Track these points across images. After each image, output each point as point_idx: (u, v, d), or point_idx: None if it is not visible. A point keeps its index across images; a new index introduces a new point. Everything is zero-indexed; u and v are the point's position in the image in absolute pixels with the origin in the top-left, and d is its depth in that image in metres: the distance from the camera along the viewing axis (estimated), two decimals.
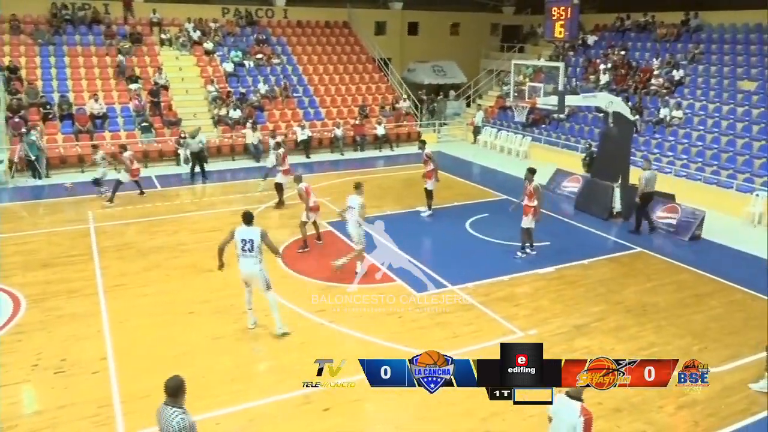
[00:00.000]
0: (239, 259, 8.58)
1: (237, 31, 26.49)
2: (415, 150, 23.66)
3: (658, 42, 23.49)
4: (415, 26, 31.18)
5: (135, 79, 22.42)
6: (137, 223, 14.25)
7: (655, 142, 19.31)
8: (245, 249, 8.46)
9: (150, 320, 9.41)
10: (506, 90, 24.03)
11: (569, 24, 16.75)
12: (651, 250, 12.94)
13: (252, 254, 8.48)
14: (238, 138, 21.80)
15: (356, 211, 10.70)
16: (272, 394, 7.58)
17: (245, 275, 8.68)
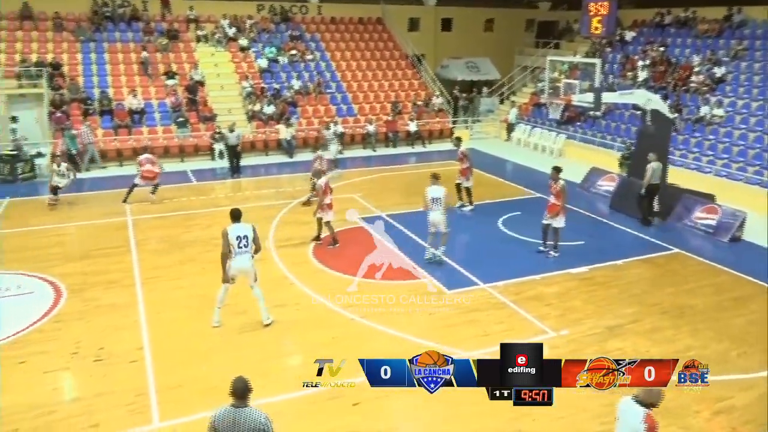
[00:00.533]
0: (234, 256, 8.68)
1: (271, 27, 26.74)
2: (447, 147, 23.64)
3: (699, 38, 22.88)
4: (448, 22, 30.99)
5: (172, 75, 22.83)
6: (173, 217, 14.52)
7: (695, 141, 18.84)
8: (241, 245, 8.62)
9: (184, 312, 9.59)
10: (541, 87, 23.78)
11: (607, 19, 16.46)
12: (689, 251, 12.64)
13: (247, 249, 8.68)
14: (272, 134, 22.03)
15: (442, 200, 11.11)
16: (302, 387, 7.63)
17: (240, 270, 8.81)
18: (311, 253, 12.14)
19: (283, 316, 9.45)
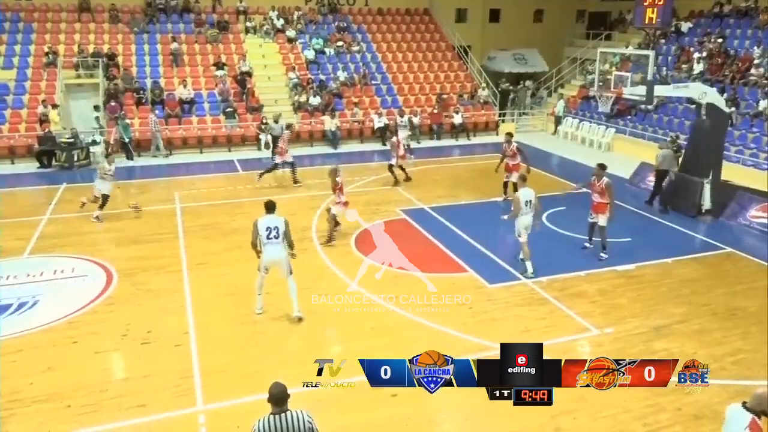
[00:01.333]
0: (264, 247, 8.76)
1: (319, 18, 26.91)
2: (492, 140, 23.39)
3: (761, 29, 21.88)
4: (497, 13, 30.55)
5: (221, 66, 23.26)
6: (220, 205, 14.84)
7: (752, 136, 18.08)
8: (270, 237, 8.68)
9: (229, 299, 9.81)
10: (590, 79, 23.20)
11: (662, 10, 15.91)
12: (742, 250, 12.18)
13: (278, 240, 8.71)
14: (317, 124, 22.22)
15: (534, 203, 10.48)
16: (342, 376, 7.70)
17: (272, 261, 8.84)
18: (353, 243, 12.21)
19: (325, 305, 9.55)
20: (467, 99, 25.09)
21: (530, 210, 10.44)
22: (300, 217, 13.83)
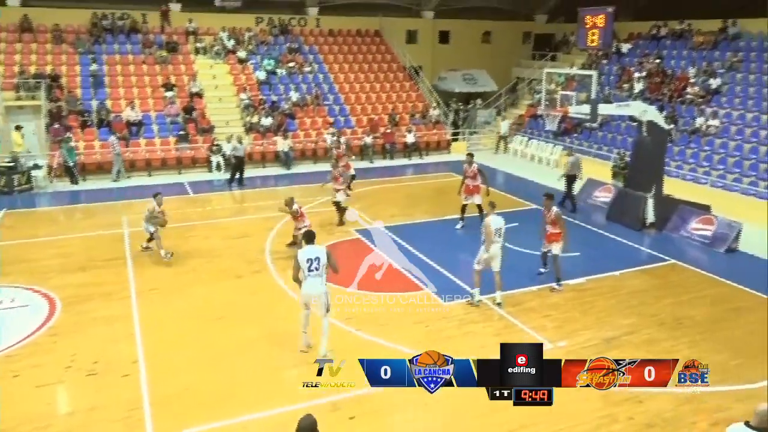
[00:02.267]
0: (304, 281, 8.20)
1: (270, 39, 26.87)
2: (445, 158, 23.72)
3: (695, 50, 23.04)
4: (446, 35, 31.18)
5: (171, 87, 22.90)
6: (170, 229, 14.42)
7: (691, 152, 18.91)
8: (312, 269, 8.12)
9: (181, 324, 9.56)
10: (538, 98, 23.85)
11: (603, 32, 16.57)
12: (685, 262, 12.65)
13: (318, 273, 8.15)
14: (269, 145, 22.07)
15: (503, 231, 10.11)
16: (300, 401, 7.59)
17: (311, 296, 8.27)
18: None
19: (282, 327, 9.41)
20: (419, 118, 25.41)
21: (500, 239, 10.08)
22: (255, 239, 13.66)
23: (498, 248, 10.05)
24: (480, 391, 7.26)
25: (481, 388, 5.36)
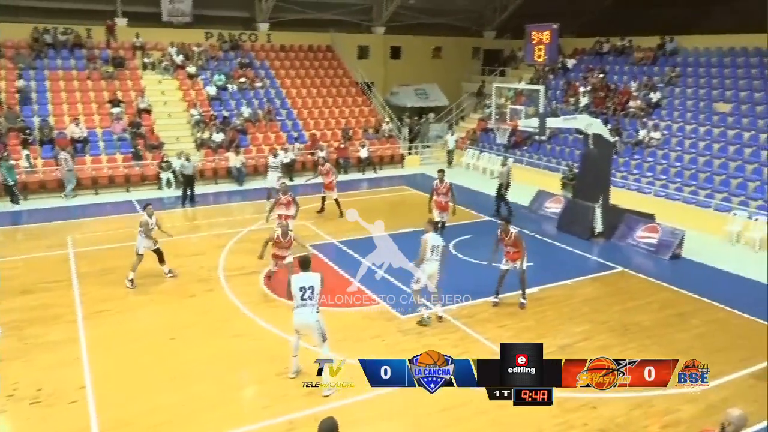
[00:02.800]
0: (295, 308, 7.96)
1: (220, 55, 26.60)
2: (398, 172, 23.88)
3: (636, 65, 24.00)
4: (397, 50, 31.53)
5: (117, 103, 22.35)
6: (119, 248, 14.05)
7: (635, 163, 19.60)
8: (305, 297, 7.84)
9: (131, 347, 9.25)
10: (488, 112, 24.34)
11: (549, 48, 17.05)
12: (633, 269, 13.05)
13: (311, 302, 7.86)
14: (221, 161, 21.76)
15: (441, 250, 9.96)
16: (256, 420, 7.46)
17: (300, 325, 7.98)
18: (262, 282, 11.95)
19: (237, 347, 9.25)
20: (372, 133, 25.54)
21: (437, 257, 9.96)
22: (208, 256, 13.40)
23: (435, 267, 9.95)
24: (441, 406, 7.29)
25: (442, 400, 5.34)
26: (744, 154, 17.59)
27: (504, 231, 10.79)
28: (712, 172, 17.59)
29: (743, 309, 10.79)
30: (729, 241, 15.08)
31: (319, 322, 7.93)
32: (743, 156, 17.53)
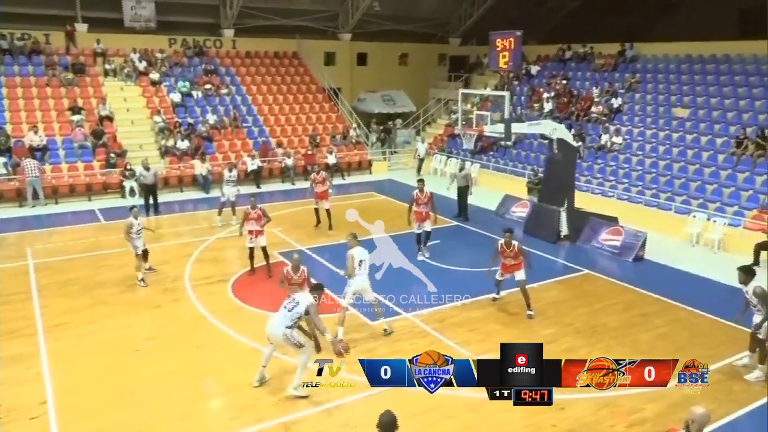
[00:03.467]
0: (271, 316, 8.08)
1: (184, 61, 26.26)
2: (366, 179, 23.88)
3: (597, 71, 24.53)
4: (364, 57, 31.59)
5: (78, 111, 21.85)
6: (81, 258, 13.74)
7: (598, 167, 20.00)
8: (286, 306, 7.88)
9: (94, 359, 9.03)
10: (455, 118, 24.56)
11: (513, 54, 17.28)
12: (597, 271, 13.29)
13: (286, 314, 7.79)
14: (187, 169, 21.46)
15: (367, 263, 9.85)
16: (224, 431, 7.35)
17: (268, 333, 8.00)
18: (230, 290, 11.80)
19: (204, 357, 9.11)
20: (340, 139, 25.51)
21: (365, 271, 9.84)
22: (173, 266, 13.18)
23: (364, 280, 9.84)
24: (410, 412, 7.29)
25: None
26: (702, 157, 18.10)
27: (506, 243, 10.64)
28: (672, 175, 18.06)
29: (703, 308, 11.06)
30: (689, 242, 15.48)
31: (287, 337, 7.78)
32: (701, 160, 18.04)
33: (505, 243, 10.65)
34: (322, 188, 15.82)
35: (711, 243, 15.07)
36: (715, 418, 7.08)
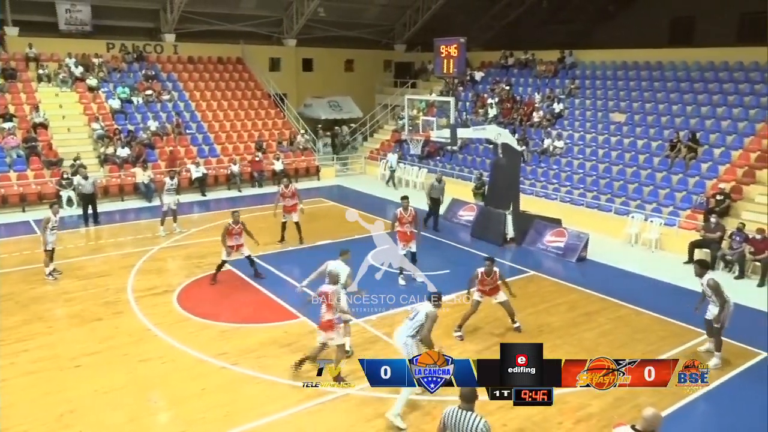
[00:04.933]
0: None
1: (123, 66, 25.50)
2: (314, 184, 23.74)
3: (539, 78, 25.21)
4: (309, 62, 31.47)
5: (9, 118, 20.88)
6: (14, 272, 13.08)
7: (541, 171, 20.51)
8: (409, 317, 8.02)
9: (31, 378, 8.60)
10: (401, 124, 24.72)
11: (457, 61, 17.56)
12: (543, 272, 13.60)
13: (409, 324, 7.86)
14: (128, 177, 20.80)
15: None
16: None
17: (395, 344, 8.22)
18: (175, 301, 11.48)
19: (149, 371, 8.82)
20: (286, 146, 25.28)
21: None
22: (114, 277, 12.73)
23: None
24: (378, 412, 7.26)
25: None
26: (639, 160, 18.83)
27: (487, 272, 10.09)
28: (611, 178, 18.71)
29: (643, 305, 11.48)
30: (628, 242, 16.05)
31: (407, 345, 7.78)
32: (638, 162, 18.76)
33: (486, 272, 10.08)
34: (292, 202, 15.09)
35: (649, 242, 15.67)
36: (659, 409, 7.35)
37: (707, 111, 19.21)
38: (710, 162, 17.29)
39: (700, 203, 15.98)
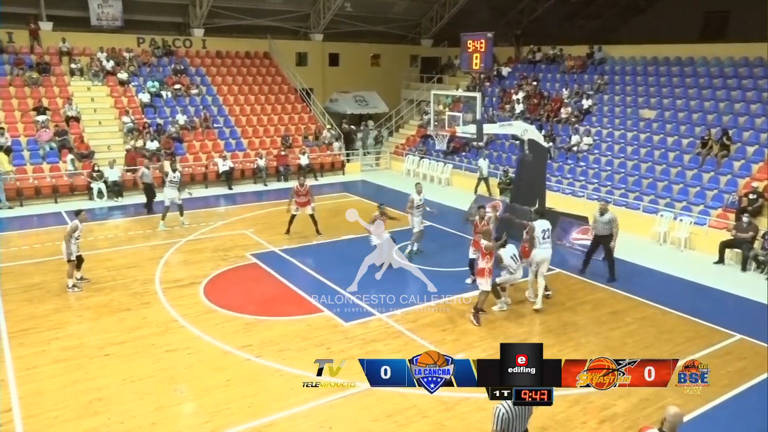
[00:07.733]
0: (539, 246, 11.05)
1: (153, 61, 25.85)
2: (339, 179, 23.82)
3: (567, 73, 24.88)
4: (336, 57, 31.51)
5: (43, 111, 21.35)
6: (47, 263, 13.41)
7: (568, 168, 20.27)
8: (545, 237, 10.99)
9: (61, 365, 8.82)
10: (427, 119, 24.64)
11: (484, 56, 17.41)
12: (568, 270, 13.46)
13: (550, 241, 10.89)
14: (156, 170, 21.08)
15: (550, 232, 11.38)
16: None
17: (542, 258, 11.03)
18: (201, 293, 11.65)
19: (175, 361, 8.97)
20: (312, 140, 25.40)
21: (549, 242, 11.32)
22: (143, 269, 12.96)
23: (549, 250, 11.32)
24: (387, 411, 7.31)
25: None
26: (668, 158, 18.49)
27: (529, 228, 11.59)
28: (640, 175, 18.41)
29: (670, 305, 11.31)
30: (656, 241, 15.79)
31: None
32: (668, 160, 18.42)
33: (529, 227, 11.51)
34: (304, 199, 15.30)
35: (677, 241, 15.40)
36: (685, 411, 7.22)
37: (740, 108, 18.75)
38: (743, 160, 16.90)
39: (732, 202, 15.64)
